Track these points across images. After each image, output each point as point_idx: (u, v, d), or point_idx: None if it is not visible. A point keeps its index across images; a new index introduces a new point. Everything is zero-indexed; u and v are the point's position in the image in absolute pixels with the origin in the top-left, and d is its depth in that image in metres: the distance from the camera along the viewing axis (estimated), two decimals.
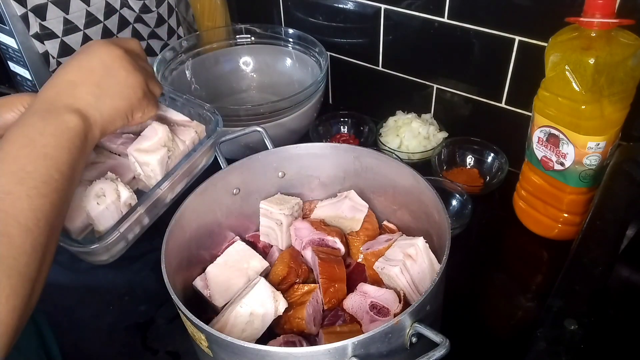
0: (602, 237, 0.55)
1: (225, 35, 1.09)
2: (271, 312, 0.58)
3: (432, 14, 0.86)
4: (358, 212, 0.73)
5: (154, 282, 0.77)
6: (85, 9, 0.93)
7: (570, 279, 0.50)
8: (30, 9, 0.86)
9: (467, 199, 0.81)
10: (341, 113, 1.03)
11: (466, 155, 0.92)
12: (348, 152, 0.72)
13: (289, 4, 1.06)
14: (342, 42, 1.03)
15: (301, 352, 0.48)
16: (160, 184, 0.64)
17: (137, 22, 1.02)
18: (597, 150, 0.68)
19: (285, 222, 0.71)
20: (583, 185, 0.72)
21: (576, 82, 0.63)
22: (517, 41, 0.79)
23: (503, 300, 0.73)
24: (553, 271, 0.76)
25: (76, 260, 0.82)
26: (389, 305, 0.61)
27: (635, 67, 0.62)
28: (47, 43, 0.90)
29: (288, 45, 1.06)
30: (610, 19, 0.61)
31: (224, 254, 0.68)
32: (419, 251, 0.62)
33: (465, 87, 0.91)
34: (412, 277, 0.62)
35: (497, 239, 0.83)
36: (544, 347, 0.44)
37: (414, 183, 0.66)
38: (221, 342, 0.49)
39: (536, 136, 0.73)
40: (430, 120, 0.98)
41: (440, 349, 0.47)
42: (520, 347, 0.47)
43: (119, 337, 0.71)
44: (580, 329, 0.45)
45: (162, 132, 0.65)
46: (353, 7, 0.96)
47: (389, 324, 0.48)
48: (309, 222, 0.71)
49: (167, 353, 0.69)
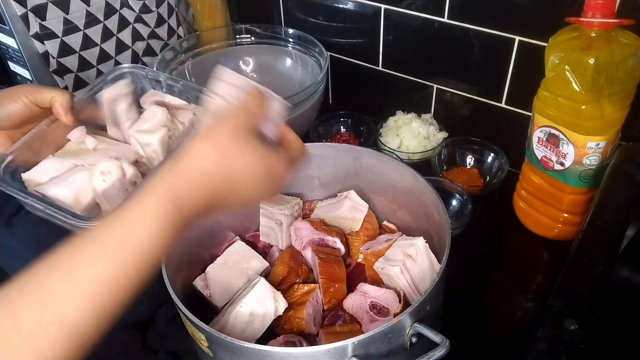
0: (602, 237, 0.55)
1: (225, 35, 1.09)
2: (271, 312, 0.58)
3: (432, 14, 0.86)
4: (358, 212, 0.73)
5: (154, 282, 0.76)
6: (85, 9, 0.93)
7: (570, 279, 0.50)
8: (30, 9, 0.86)
9: (467, 199, 0.81)
10: (341, 113, 1.03)
11: (466, 155, 0.92)
12: (348, 152, 0.72)
13: (289, 4, 1.06)
14: (342, 42, 1.02)
15: (301, 352, 0.48)
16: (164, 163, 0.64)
17: (137, 22, 1.02)
18: (597, 150, 0.68)
19: (285, 222, 0.71)
20: (583, 185, 0.72)
21: (576, 82, 0.63)
22: (517, 41, 0.79)
23: (503, 300, 0.73)
24: (553, 271, 0.76)
25: None
26: (389, 305, 0.61)
27: (635, 67, 0.62)
28: (47, 43, 0.90)
29: (288, 46, 1.06)
30: (610, 19, 0.60)
31: (224, 254, 0.68)
32: (419, 251, 0.62)
33: (465, 87, 0.91)
34: (412, 277, 0.62)
35: (497, 239, 0.83)
36: (544, 347, 0.44)
37: (414, 183, 0.66)
38: (221, 342, 0.49)
39: (536, 136, 0.73)
40: (430, 120, 0.98)
41: (440, 349, 0.47)
42: (520, 347, 0.47)
43: (119, 337, 0.71)
44: (580, 329, 0.45)
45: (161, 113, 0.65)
46: (353, 7, 0.96)
47: (389, 324, 0.48)
48: (309, 222, 0.71)
49: (167, 353, 0.69)
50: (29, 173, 0.69)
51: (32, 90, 0.65)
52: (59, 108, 0.68)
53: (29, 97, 0.64)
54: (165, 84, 0.82)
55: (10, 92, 0.65)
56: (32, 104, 0.66)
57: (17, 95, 0.64)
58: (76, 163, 0.70)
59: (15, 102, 0.64)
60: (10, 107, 0.64)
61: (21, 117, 0.67)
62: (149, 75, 0.85)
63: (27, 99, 0.64)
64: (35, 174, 0.69)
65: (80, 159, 0.70)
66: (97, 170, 0.62)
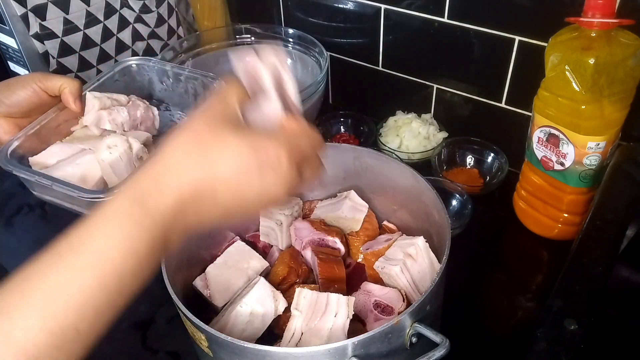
0: (602, 237, 0.55)
1: (225, 35, 1.09)
2: (271, 312, 0.58)
3: (432, 14, 0.86)
4: (358, 212, 0.73)
5: (154, 282, 0.76)
6: (85, 9, 0.93)
7: (570, 279, 0.50)
8: (30, 9, 0.86)
9: (467, 199, 0.81)
10: (341, 113, 1.03)
11: (466, 155, 0.92)
12: (348, 152, 0.72)
13: (289, 4, 1.06)
14: (342, 42, 1.02)
15: (301, 352, 0.48)
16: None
17: (137, 22, 1.02)
18: (597, 150, 0.68)
19: (285, 222, 0.71)
20: (583, 185, 0.72)
21: (576, 82, 0.63)
22: (517, 41, 0.79)
23: (503, 300, 0.73)
24: (553, 271, 0.76)
25: None
26: (393, 304, 0.60)
27: (635, 67, 0.62)
28: (47, 43, 0.90)
29: (288, 45, 1.06)
30: (610, 19, 0.60)
31: (224, 254, 0.68)
32: (419, 250, 0.62)
33: (465, 87, 0.91)
34: (413, 276, 0.62)
35: (497, 239, 0.83)
36: (544, 347, 0.44)
37: (414, 183, 0.66)
38: (221, 342, 0.49)
39: (536, 136, 0.73)
40: (430, 120, 0.98)
41: (440, 349, 0.47)
42: (520, 347, 0.47)
43: (119, 337, 0.71)
44: (580, 329, 0.45)
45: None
46: (353, 7, 0.96)
47: (389, 324, 0.48)
48: (309, 222, 0.71)
49: (167, 353, 0.69)
50: (36, 157, 0.70)
51: (42, 77, 0.66)
52: (68, 95, 0.68)
53: (38, 84, 0.66)
54: (171, 72, 0.83)
55: (21, 79, 0.67)
56: (41, 91, 0.67)
57: (27, 82, 0.66)
58: (84, 147, 0.70)
59: (25, 89, 0.65)
60: (20, 93, 0.65)
61: (30, 104, 0.68)
62: (155, 66, 0.86)
63: (37, 85, 0.65)
64: (43, 157, 0.70)
65: (88, 143, 0.71)
66: (103, 144, 0.64)
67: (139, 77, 0.87)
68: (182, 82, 0.78)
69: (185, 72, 0.80)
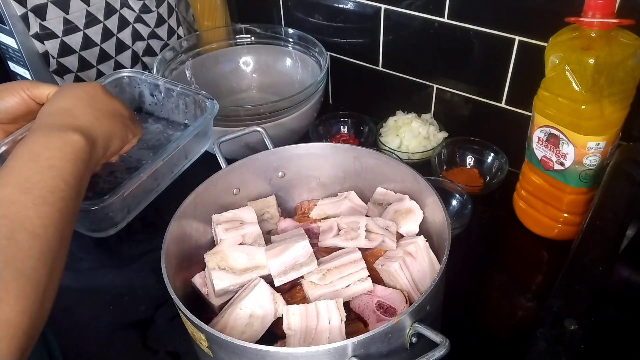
0: (602, 237, 0.55)
1: (225, 35, 1.09)
2: (271, 313, 0.58)
3: (432, 14, 0.86)
4: (357, 213, 0.73)
5: (154, 282, 0.77)
6: (85, 9, 0.93)
7: (570, 279, 0.50)
8: (30, 9, 0.86)
9: (467, 199, 0.81)
10: (341, 113, 1.03)
11: (466, 155, 0.92)
12: (348, 152, 0.72)
13: (289, 4, 1.06)
14: (342, 42, 1.03)
15: (301, 352, 0.48)
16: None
17: (137, 22, 1.02)
18: (597, 150, 0.68)
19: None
20: (583, 185, 0.72)
21: (576, 82, 0.63)
22: (517, 41, 0.79)
23: (503, 300, 0.73)
24: (553, 271, 0.76)
25: (76, 260, 0.82)
26: (396, 305, 0.60)
27: (635, 67, 0.62)
28: (47, 43, 0.90)
29: (288, 45, 1.07)
30: (610, 19, 0.60)
31: None
32: (419, 249, 0.62)
33: (465, 87, 0.91)
34: (412, 274, 0.62)
35: (497, 239, 0.83)
36: (544, 347, 0.44)
37: (414, 183, 0.66)
38: (221, 342, 0.49)
39: (536, 136, 0.73)
40: (430, 120, 0.98)
41: (440, 349, 0.47)
42: (520, 347, 0.47)
43: (119, 337, 0.71)
44: (580, 329, 0.45)
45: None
46: (353, 7, 0.96)
47: (389, 324, 0.48)
48: (292, 220, 0.72)
49: (167, 353, 0.69)
50: None
51: (31, 85, 0.66)
52: None
53: (26, 91, 0.65)
54: (163, 87, 0.83)
55: (9, 86, 0.66)
56: (29, 99, 0.67)
57: (15, 89, 0.65)
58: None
59: (13, 96, 0.65)
60: (7, 100, 0.65)
61: (17, 112, 0.67)
62: (148, 80, 0.85)
63: (24, 93, 0.65)
64: None
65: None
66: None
67: (129, 89, 0.88)
68: (173, 98, 0.78)
69: (177, 88, 0.81)
